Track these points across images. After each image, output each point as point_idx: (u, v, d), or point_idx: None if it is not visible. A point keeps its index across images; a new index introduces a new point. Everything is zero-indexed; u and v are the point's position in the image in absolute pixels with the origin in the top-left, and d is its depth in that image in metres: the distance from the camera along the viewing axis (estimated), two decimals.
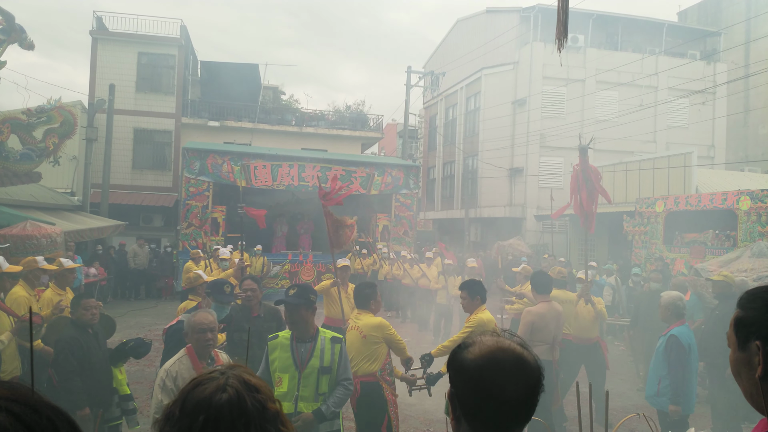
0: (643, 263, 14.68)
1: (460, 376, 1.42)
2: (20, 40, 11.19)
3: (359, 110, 30.50)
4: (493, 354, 1.40)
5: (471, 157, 28.85)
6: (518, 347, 1.43)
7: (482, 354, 1.40)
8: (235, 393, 1.31)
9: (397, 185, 19.93)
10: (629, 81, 25.36)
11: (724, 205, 13.09)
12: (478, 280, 5.93)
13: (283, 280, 18.35)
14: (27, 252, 8.76)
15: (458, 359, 1.44)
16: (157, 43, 25.10)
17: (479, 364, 1.39)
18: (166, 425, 1.32)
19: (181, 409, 1.31)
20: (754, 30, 28.70)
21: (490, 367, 1.38)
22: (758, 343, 1.34)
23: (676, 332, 5.32)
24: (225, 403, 1.29)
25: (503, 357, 1.39)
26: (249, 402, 1.31)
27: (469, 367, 1.40)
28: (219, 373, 1.37)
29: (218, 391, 1.31)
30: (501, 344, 1.42)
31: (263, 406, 1.33)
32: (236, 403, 1.30)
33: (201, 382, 1.35)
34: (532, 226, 24.84)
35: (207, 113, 26.30)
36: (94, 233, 14.87)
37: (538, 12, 25.52)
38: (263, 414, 1.32)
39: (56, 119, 11.98)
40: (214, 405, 1.29)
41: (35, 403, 0.83)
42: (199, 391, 1.33)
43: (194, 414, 1.29)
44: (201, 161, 18.07)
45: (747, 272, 8.56)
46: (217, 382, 1.34)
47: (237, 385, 1.33)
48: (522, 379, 1.38)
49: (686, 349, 5.25)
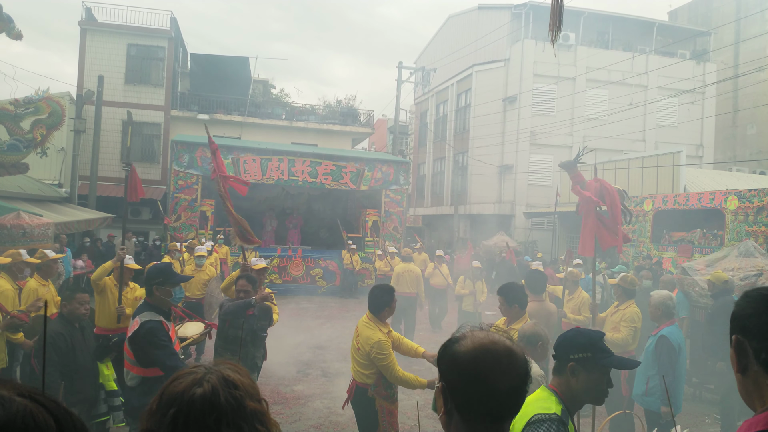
0: (630, 261, 14.76)
1: (453, 368, 1.45)
2: (8, 30, 11.05)
3: (350, 105, 30.37)
4: (486, 346, 1.44)
5: (461, 154, 28.88)
6: (507, 340, 1.49)
7: (475, 346, 1.45)
8: (210, 388, 1.29)
9: (387, 181, 19.92)
10: (619, 79, 25.48)
11: (712, 204, 13.19)
12: (519, 284, 5.47)
13: (272, 274, 18.30)
14: (18, 241, 8.71)
15: (450, 352, 1.48)
16: (147, 34, 24.89)
17: (473, 356, 1.43)
18: (145, 420, 1.32)
19: (158, 402, 1.31)
20: (743, 30, 28.91)
21: (483, 358, 1.42)
22: (734, 337, 1.39)
23: (666, 332, 5.29)
24: (198, 398, 1.27)
25: (495, 348, 1.44)
26: (223, 397, 1.29)
27: (463, 359, 1.44)
28: (203, 368, 1.36)
29: (193, 386, 1.30)
30: (492, 337, 1.48)
31: (239, 403, 1.31)
32: (209, 398, 1.28)
33: (179, 377, 1.34)
34: (521, 223, 24.93)
35: (196, 106, 26.16)
36: (82, 225, 14.76)
37: (530, 9, 25.57)
38: (238, 411, 1.30)
39: (44, 110, 11.86)
40: (186, 399, 1.27)
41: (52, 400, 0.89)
42: (175, 385, 1.32)
43: (166, 407, 1.28)
44: (190, 154, 17.97)
45: (734, 271, 8.62)
46: (194, 377, 1.32)
47: (214, 381, 1.31)
48: (513, 370, 1.43)
49: (676, 349, 5.22)
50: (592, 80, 25.43)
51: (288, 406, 7.36)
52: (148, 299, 4.42)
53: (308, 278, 18.74)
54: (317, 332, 12.30)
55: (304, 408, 7.33)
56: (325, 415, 7.10)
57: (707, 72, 27.05)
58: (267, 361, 6.61)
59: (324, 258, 18.95)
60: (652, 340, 5.46)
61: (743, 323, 1.37)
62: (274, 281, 18.21)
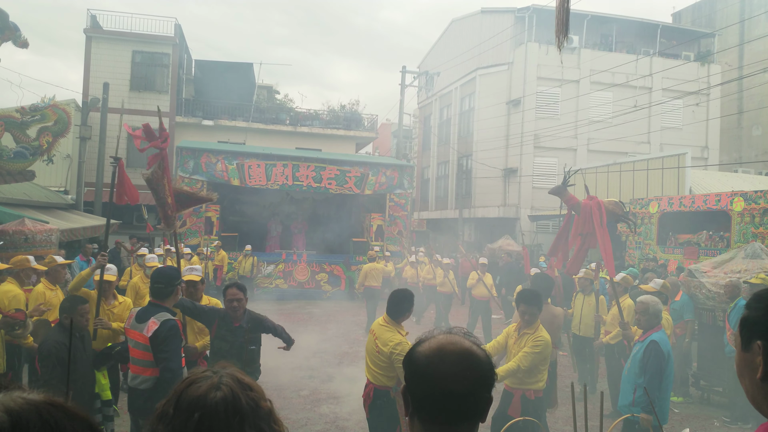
0: (636, 264, 14.71)
1: (412, 370, 1.46)
2: (14, 38, 11.11)
3: (353, 110, 30.39)
4: (441, 347, 1.43)
5: (465, 157, 28.87)
6: (467, 342, 1.46)
7: (431, 348, 1.44)
8: (229, 391, 1.32)
9: (392, 185, 19.93)
10: (623, 82, 25.43)
11: (718, 206, 13.13)
12: (537, 291, 5.42)
13: (277, 279, 18.33)
14: (20, 247, 8.75)
15: (411, 354, 1.49)
16: (152, 41, 25.03)
17: (427, 357, 1.43)
18: (159, 424, 1.33)
19: (175, 407, 1.32)
20: (748, 32, 28.84)
21: (435, 359, 1.41)
22: (760, 343, 1.33)
23: (656, 338, 4.94)
24: (220, 401, 1.30)
25: (450, 350, 1.42)
26: (243, 400, 1.33)
27: (418, 360, 1.44)
28: (212, 372, 1.39)
29: (212, 389, 1.32)
30: (450, 339, 1.46)
31: (256, 404, 1.35)
32: (231, 401, 1.31)
33: (195, 381, 1.36)
34: (526, 227, 24.88)
35: (201, 112, 26.25)
36: (88, 232, 14.80)
37: (533, 12, 25.58)
38: (257, 412, 1.34)
39: (50, 117, 11.92)
40: (209, 403, 1.29)
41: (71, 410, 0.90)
42: (194, 389, 1.33)
43: (189, 412, 1.29)
44: (195, 160, 18.04)
45: (741, 273, 8.59)
46: (211, 381, 1.35)
47: (231, 384, 1.34)
48: (467, 373, 1.40)
49: (666, 356, 4.89)
50: (596, 83, 25.40)
51: (294, 411, 7.36)
52: (160, 302, 4.43)
53: (313, 283, 18.75)
54: (323, 337, 12.29)
55: (310, 413, 7.32)
56: (331, 420, 7.09)
57: (712, 73, 26.97)
58: (272, 366, 6.60)
59: (329, 263, 18.96)
60: (639, 347, 5.08)
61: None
62: (280, 286, 18.25)
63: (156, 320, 4.23)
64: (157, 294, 4.45)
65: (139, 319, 4.35)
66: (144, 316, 4.34)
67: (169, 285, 4.49)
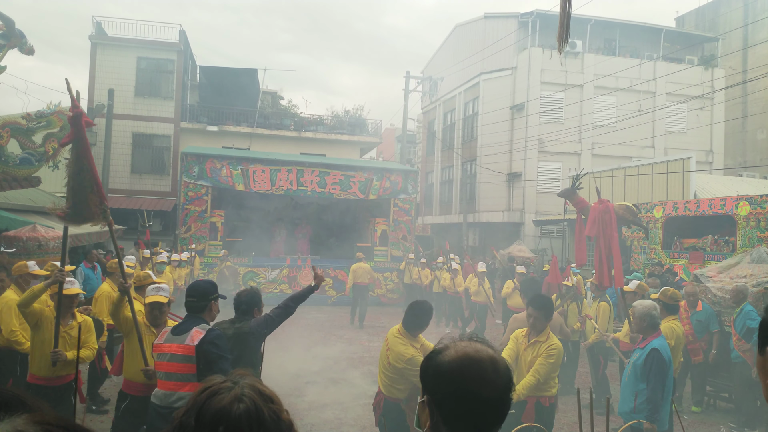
0: (641, 269, 14.67)
1: (438, 380, 1.46)
2: (20, 45, 11.13)
3: (358, 115, 30.46)
4: (470, 355, 1.45)
5: (469, 162, 28.88)
6: (489, 349, 1.49)
7: (459, 356, 1.45)
8: (252, 403, 1.30)
9: (396, 190, 19.95)
10: (627, 86, 25.42)
11: (723, 210, 13.09)
12: (549, 297, 5.35)
13: (281, 284, 18.34)
14: (33, 254, 8.78)
15: (434, 364, 1.49)
16: (156, 48, 25.14)
17: (458, 365, 1.43)
18: None
19: (197, 419, 1.29)
20: (751, 36, 28.82)
21: (469, 367, 1.43)
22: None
23: (657, 345, 4.88)
24: (243, 413, 1.28)
25: (479, 357, 1.45)
26: (266, 412, 1.30)
27: (448, 369, 1.44)
28: (232, 383, 1.35)
29: (235, 401, 1.30)
30: (475, 346, 1.48)
31: (278, 416, 1.33)
32: (254, 414, 1.29)
33: (216, 392, 1.33)
34: (530, 231, 24.84)
35: (206, 118, 26.34)
36: (93, 237, 14.84)
37: (536, 17, 25.60)
38: (278, 424, 1.32)
39: (56, 124, 11.93)
40: (233, 416, 1.27)
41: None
42: (216, 400, 1.30)
43: (213, 425, 1.27)
44: (200, 166, 18.09)
45: (747, 278, 8.55)
46: (234, 392, 1.32)
47: (253, 395, 1.32)
48: (497, 379, 1.43)
49: (667, 363, 4.81)
50: (600, 87, 25.38)
51: (299, 416, 7.34)
52: (197, 314, 4.30)
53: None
54: (327, 342, 12.29)
55: (315, 419, 7.31)
56: (336, 426, 7.08)
57: (716, 78, 26.94)
58: (277, 370, 6.60)
59: (334, 267, 18.94)
60: (639, 354, 5.01)
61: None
62: (284, 291, 18.24)
63: (200, 329, 4.11)
64: (191, 308, 4.31)
65: (177, 332, 4.20)
66: (183, 328, 4.20)
67: (202, 299, 4.32)
